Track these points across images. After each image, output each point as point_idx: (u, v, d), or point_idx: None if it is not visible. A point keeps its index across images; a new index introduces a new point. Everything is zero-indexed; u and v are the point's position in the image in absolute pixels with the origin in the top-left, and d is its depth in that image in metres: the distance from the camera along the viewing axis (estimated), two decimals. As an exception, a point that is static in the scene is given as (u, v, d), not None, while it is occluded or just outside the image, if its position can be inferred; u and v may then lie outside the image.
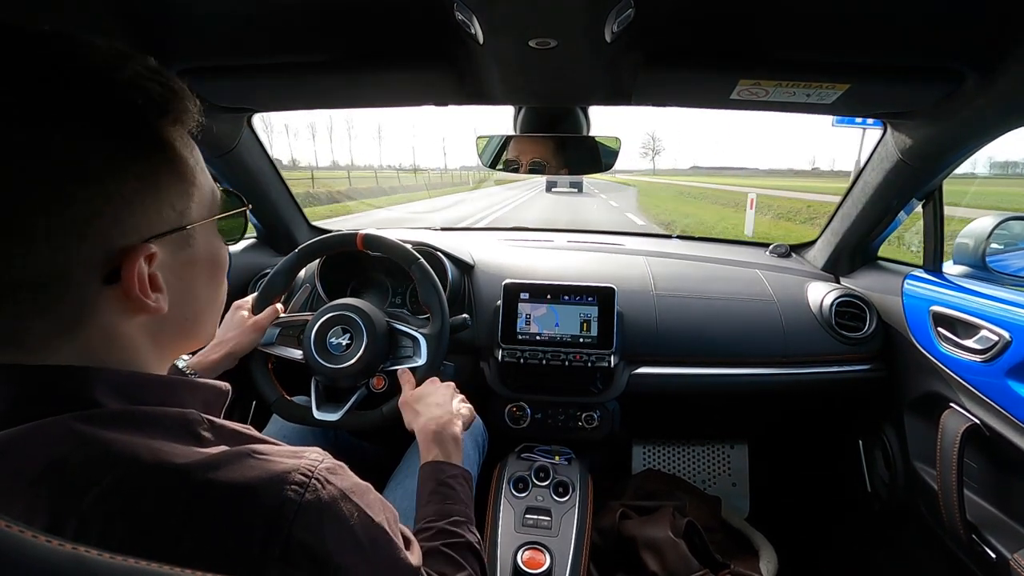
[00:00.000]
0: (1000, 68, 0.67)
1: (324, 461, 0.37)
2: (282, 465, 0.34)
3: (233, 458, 0.33)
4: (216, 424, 0.37)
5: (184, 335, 0.41)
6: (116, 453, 0.31)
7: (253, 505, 0.32)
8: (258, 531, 0.31)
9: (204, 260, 0.40)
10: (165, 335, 0.39)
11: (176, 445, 0.33)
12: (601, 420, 1.14)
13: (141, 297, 0.34)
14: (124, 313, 0.35)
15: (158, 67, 0.35)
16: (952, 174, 0.99)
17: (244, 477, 0.32)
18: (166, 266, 0.36)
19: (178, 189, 0.37)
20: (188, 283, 0.39)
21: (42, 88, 0.30)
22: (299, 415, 0.90)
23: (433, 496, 0.62)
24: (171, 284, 0.37)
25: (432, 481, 0.64)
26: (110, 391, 0.34)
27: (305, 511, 0.33)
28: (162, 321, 0.38)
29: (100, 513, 0.29)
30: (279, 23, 0.68)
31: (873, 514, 1.21)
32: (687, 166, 68.42)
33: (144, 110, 0.33)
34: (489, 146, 1.01)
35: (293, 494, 0.33)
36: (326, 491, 0.35)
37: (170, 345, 0.40)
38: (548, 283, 1.13)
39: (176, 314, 0.38)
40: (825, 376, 1.13)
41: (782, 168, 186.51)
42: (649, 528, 1.03)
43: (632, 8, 0.56)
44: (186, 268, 0.39)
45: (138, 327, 0.36)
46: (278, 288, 0.95)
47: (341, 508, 0.36)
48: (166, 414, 0.35)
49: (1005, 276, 1.02)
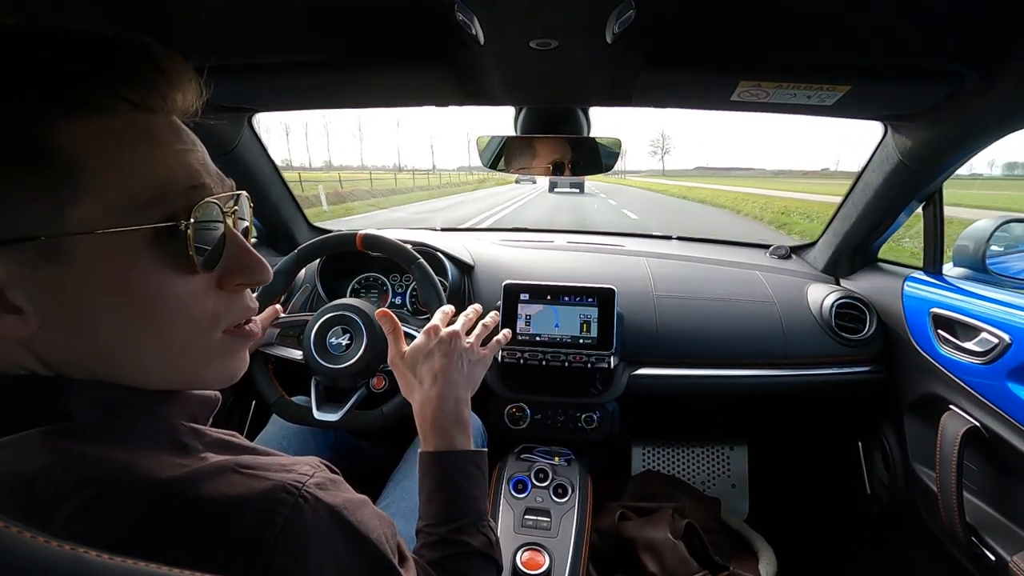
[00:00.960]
0: (1001, 70, 0.67)
1: (314, 476, 0.34)
2: (267, 482, 0.31)
3: (216, 472, 0.31)
4: (202, 433, 0.35)
5: (107, 368, 0.33)
6: (89, 469, 0.29)
7: (234, 525, 0.29)
8: (238, 554, 0.29)
9: (102, 283, 0.31)
10: (67, 365, 0.32)
11: (158, 457, 0.31)
12: (601, 421, 1.14)
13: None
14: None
15: (52, 26, 0.29)
16: (954, 175, 0.99)
17: (225, 495, 0.30)
18: (28, 282, 0.29)
19: (46, 187, 0.29)
20: (79, 310, 0.31)
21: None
22: (299, 415, 0.90)
23: (435, 494, 0.56)
24: (50, 307, 0.30)
25: (433, 476, 0.57)
26: (86, 403, 0.31)
27: (287, 533, 0.30)
28: (51, 347, 0.31)
29: (71, 533, 0.27)
30: (279, 23, 0.68)
31: (872, 516, 1.21)
32: (691, 166, 66.50)
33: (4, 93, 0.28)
34: (489, 147, 1.00)
35: (277, 516, 0.30)
36: (312, 510, 0.32)
37: (93, 376, 0.33)
38: (548, 284, 1.13)
39: (75, 345, 0.32)
40: (825, 378, 1.13)
41: (793, 169, 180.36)
42: (648, 529, 1.03)
43: (633, 9, 0.56)
44: (67, 289, 0.30)
45: (17, 349, 0.31)
46: (278, 288, 0.95)
47: (328, 529, 0.33)
48: (149, 425, 0.33)
49: (1005, 278, 1.01)
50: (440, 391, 0.61)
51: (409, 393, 0.65)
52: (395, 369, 0.66)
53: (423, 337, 0.66)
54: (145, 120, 0.32)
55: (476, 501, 0.56)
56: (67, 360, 0.32)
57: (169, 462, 0.31)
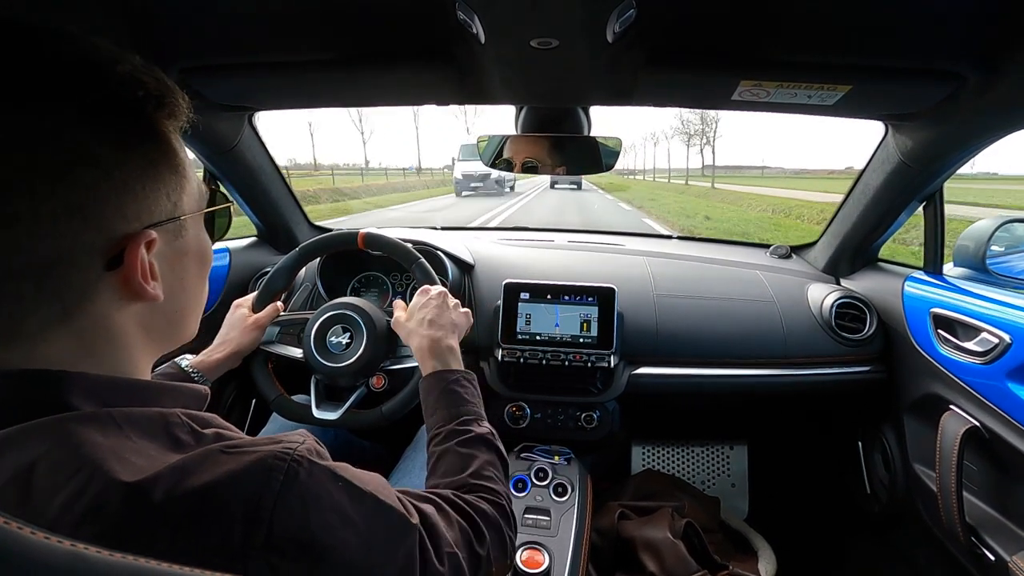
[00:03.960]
0: (1001, 70, 0.67)
1: (305, 442, 0.37)
2: (256, 454, 0.34)
3: (206, 457, 0.33)
4: (195, 423, 0.37)
5: (172, 329, 0.42)
6: (86, 455, 0.30)
7: (228, 501, 0.31)
8: (237, 525, 0.31)
9: (194, 252, 0.42)
10: (155, 328, 0.40)
11: (151, 445, 0.33)
12: (601, 420, 1.14)
13: (141, 283, 0.35)
14: (120, 300, 0.36)
15: (151, 65, 0.36)
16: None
17: (215, 475, 0.32)
18: (161, 255, 0.38)
19: (173, 180, 0.38)
20: (180, 274, 0.41)
21: (49, 78, 0.31)
22: (299, 414, 0.90)
23: (439, 403, 0.64)
24: (164, 274, 0.38)
25: (435, 391, 0.66)
26: (84, 395, 0.33)
27: (284, 498, 0.33)
28: (154, 312, 0.38)
29: (69, 517, 0.29)
30: (280, 22, 0.68)
31: (872, 516, 1.21)
32: (695, 165, 61.73)
33: (143, 102, 0.35)
34: (490, 145, 1.00)
35: (272, 481, 0.33)
36: (305, 472, 0.35)
37: (158, 339, 0.41)
38: (548, 283, 1.13)
39: (167, 306, 0.39)
40: (825, 377, 1.13)
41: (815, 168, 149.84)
42: (648, 529, 1.03)
43: (634, 8, 0.56)
44: (178, 259, 0.40)
45: (131, 317, 0.37)
46: (278, 286, 0.95)
47: (324, 487, 0.36)
48: (143, 414, 0.35)
49: (1006, 278, 1.01)
50: (433, 332, 0.75)
51: (410, 340, 0.77)
52: (398, 328, 0.81)
53: (419, 296, 0.82)
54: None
55: (474, 405, 0.65)
56: (156, 322, 0.39)
57: (164, 448, 0.33)
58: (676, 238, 1.69)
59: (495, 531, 0.51)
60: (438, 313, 0.78)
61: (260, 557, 0.31)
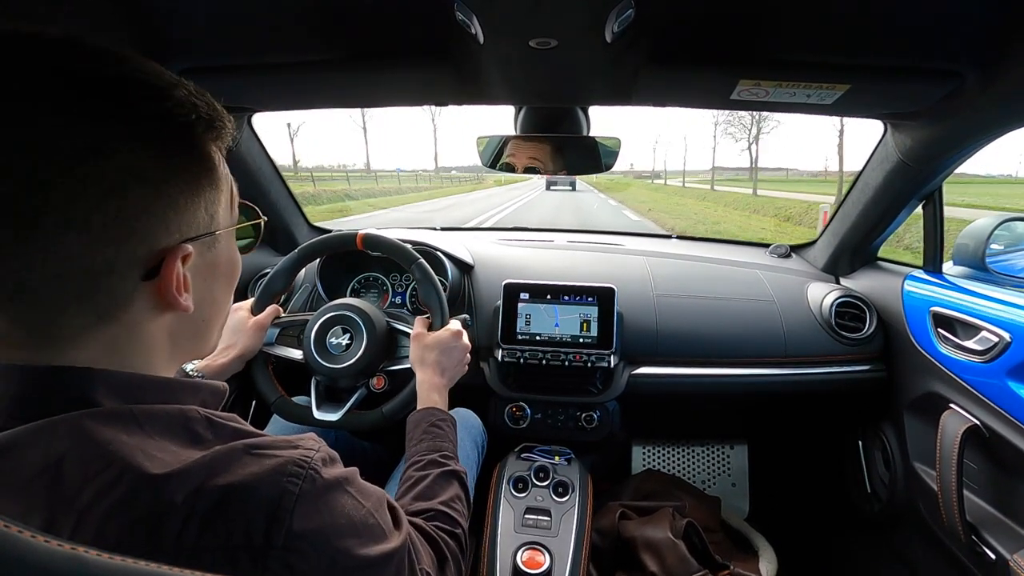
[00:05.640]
0: (1000, 68, 0.67)
1: (319, 451, 0.39)
2: (279, 458, 0.36)
3: (230, 455, 0.34)
4: (214, 421, 0.38)
5: (196, 339, 0.43)
6: (114, 451, 0.31)
7: (253, 500, 0.33)
8: (260, 523, 0.33)
9: (224, 264, 0.43)
10: (181, 337, 0.41)
11: (174, 442, 0.34)
12: (601, 420, 1.14)
13: (175, 294, 0.36)
14: (153, 310, 0.37)
15: (203, 91, 0.39)
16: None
17: (242, 474, 0.34)
18: (195, 267, 0.39)
19: (211, 195, 0.40)
20: (210, 285, 0.42)
21: (115, 98, 0.33)
22: (299, 415, 0.90)
23: (426, 434, 0.70)
24: (196, 286, 0.39)
25: (425, 423, 0.72)
26: (109, 392, 0.35)
27: (303, 500, 0.35)
28: (182, 322, 0.40)
29: (96, 511, 0.30)
30: (279, 22, 0.68)
31: (873, 514, 1.21)
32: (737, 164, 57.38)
33: (194, 124, 0.37)
34: (489, 146, 1.00)
35: (292, 485, 0.35)
36: (322, 480, 0.37)
37: (183, 347, 0.42)
38: (548, 283, 1.13)
39: (195, 317, 0.41)
40: (825, 376, 1.13)
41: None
42: (648, 529, 1.03)
43: (632, 8, 0.56)
44: (210, 271, 0.41)
45: (160, 326, 0.38)
46: (278, 288, 0.95)
47: (336, 496, 0.38)
48: (165, 412, 0.36)
49: (1005, 277, 1.01)
50: (442, 380, 0.80)
51: (420, 368, 0.81)
52: (415, 343, 0.84)
53: (450, 335, 0.84)
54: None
55: (454, 445, 0.72)
56: (184, 331, 0.41)
57: (187, 445, 0.35)
58: (676, 238, 1.69)
59: (454, 560, 0.56)
60: (457, 363, 0.84)
61: (279, 555, 0.33)
